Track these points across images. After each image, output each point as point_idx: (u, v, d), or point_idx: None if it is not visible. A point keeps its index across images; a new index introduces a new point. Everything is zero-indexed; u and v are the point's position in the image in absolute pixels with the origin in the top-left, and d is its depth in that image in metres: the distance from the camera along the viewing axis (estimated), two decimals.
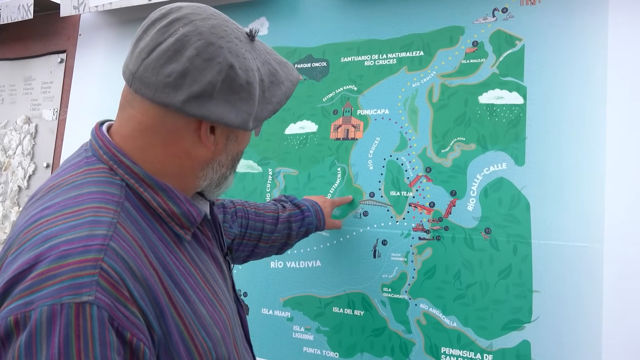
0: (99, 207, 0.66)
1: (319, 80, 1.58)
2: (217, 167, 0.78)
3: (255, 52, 0.75)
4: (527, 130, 1.30)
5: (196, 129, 0.73)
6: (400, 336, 1.37)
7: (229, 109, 0.71)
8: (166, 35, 0.69)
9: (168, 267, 0.70)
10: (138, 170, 0.72)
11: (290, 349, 1.50)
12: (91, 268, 0.59)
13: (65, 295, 0.57)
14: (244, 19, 1.73)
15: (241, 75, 0.71)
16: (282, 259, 1.54)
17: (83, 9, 1.94)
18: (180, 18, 0.71)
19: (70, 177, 0.71)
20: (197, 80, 0.68)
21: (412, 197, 1.41)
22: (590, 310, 1.19)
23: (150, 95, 0.69)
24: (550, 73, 1.29)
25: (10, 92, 2.36)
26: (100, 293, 0.58)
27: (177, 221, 0.74)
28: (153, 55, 0.69)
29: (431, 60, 1.44)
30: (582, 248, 1.21)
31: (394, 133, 1.45)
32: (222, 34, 0.71)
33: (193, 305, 0.71)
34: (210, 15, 0.73)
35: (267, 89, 0.76)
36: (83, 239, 0.61)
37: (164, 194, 0.73)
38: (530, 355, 1.23)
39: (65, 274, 0.58)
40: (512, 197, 1.29)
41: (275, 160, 1.60)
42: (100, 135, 0.75)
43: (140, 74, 0.70)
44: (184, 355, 0.68)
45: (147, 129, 0.72)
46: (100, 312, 0.58)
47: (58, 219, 0.64)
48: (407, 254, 1.39)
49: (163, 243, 0.71)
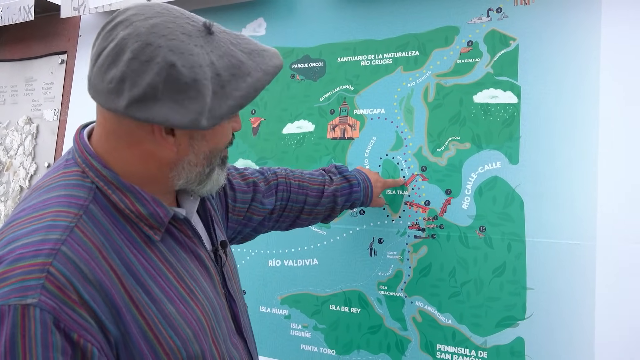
0: (60, 212, 0.68)
1: (315, 80, 1.60)
2: (187, 166, 0.77)
3: (210, 46, 0.71)
4: (521, 129, 1.31)
5: (151, 132, 0.72)
6: (396, 333, 1.38)
7: (176, 109, 0.68)
8: (109, 40, 0.69)
9: (132, 268, 0.71)
10: (106, 173, 0.73)
11: (287, 347, 1.51)
12: (38, 272, 0.62)
13: (12, 297, 0.60)
14: (241, 20, 1.75)
15: (185, 73, 0.68)
16: (279, 258, 1.55)
17: (83, 10, 1.96)
18: (123, 21, 0.69)
19: (49, 179, 0.74)
20: (137, 83, 0.67)
21: (408, 196, 1.42)
22: (583, 306, 1.20)
23: (101, 101, 0.70)
24: (544, 72, 1.30)
25: (12, 93, 2.38)
26: (44, 296, 0.61)
27: (145, 222, 0.74)
28: (99, 62, 0.69)
29: (426, 60, 1.45)
30: (575, 246, 1.22)
31: (389, 132, 1.47)
32: (163, 32, 0.68)
33: (159, 305, 0.72)
34: (156, 13, 0.70)
35: (227, 84, 0.71)
36: (37, 243, 0.64)
37: (131, 195, 0.73)
38: (524, 352, 1.24)
39: (15, 277, 0.62)
40: (506, 195, 1.31)
41: (272, 160, 1.62)
42: (78, 139, 0.76)
43: (92, 82, 0.71)
44: (148, 354, 0.69)
45: (110, 133, 0.74)
46: (42, 315, 0.60)
47: (24, 222, 0.68)
48: (403, 252, 1.40)
49: (131, 244, 0.72)
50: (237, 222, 1.11)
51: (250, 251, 1.60)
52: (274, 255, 1.56)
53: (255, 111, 1.67)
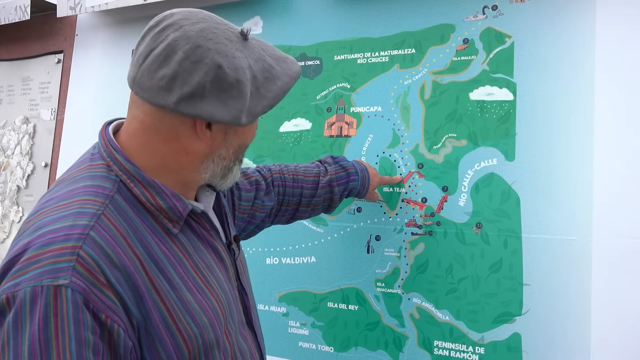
0: (87, 200, 0.73)
1: (312, 79, 1.60)
2: (217, 159, 0.83)
3: (247, 51, 0.79)
4: (517, 126, 1.32)
5: (192, 126, 0.78)
6: (394, 330, 1.39)
7: (220, 106, 0.75)
8: (158, 42, 0.75)
9: (154, 256, 0.75)
10: (129, 167, 0.77)
11: (286, 344, 1.52)
12: (69, 255, 0.66)
13: (45, 278, 0.64)
14: (238, 19, 1.75)
15: (230, 74, 0.75)
16: (277, 255, 1.56)
17: (79, 10, 1.96)
18: (172, 24, 0.76)
19: (74, 172, 0.79)
20: (187, 82, 0.73)
21: (405, 193, 1.43)
22: (580, 302, 1.21)
23: (147, 97, 0.75)
24: (540, 69, 1.31)
25: (9, 93, 2.37)
26: (75, 277, 0.65)
27: (165, 215, 0.78)
28: (147, 61, 0.75)
29: (423, 58, 1.45)
30: (572, 241, 1.23)
31: (386, 130, 1.47)
32: (210, 37, 0.75)
33: (179, 292, 0.76)
34: (201, 19, 0.77)
35: (262, 85, 0.79)
36: (66, 228, 0.68)
37: (152, 189, 0.78)
38: (521, 347, 1.25)
39: (47, 259, 0.66)
40: (503, 192, 1.31)
41: (270, 158, 1.62)
42: (104, 134, 0.81)
43: (138, 79, 0.75)
44: (167, 339, 0.73)
45: (148, 128, 0.78)
46: (74, 295, 0.64)
47: (52, 210, 0.72)
48: (400, 249, 1.41)
49: (154, 233, 0.76)
50: (242, 220, 1.15)
51: (248, 249, 1.60)
52: (271, 253, 1.57)
53: None
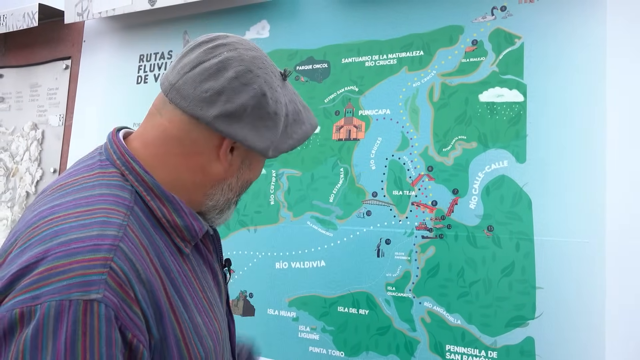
0: (110, 209, 0.68)
1: (320, 82, 1.59)
2: (226, 189, 0.81)
3: (285, 90, 0.81)
4: (527, 128, 1.31)
5: (217, 146, 0.76)
6: (405, 334, 1.38)
7: (254, 132, 0.74)
8: (210, 56, 0.74)
9: (171, 274, 0.71)
10: (147, 179, 0.74)
11: (296, 349, 1.51)
12: (101, 267, 0.60)
13: (74, 291, 0.58)
14: (245, 23, 1.74)
15: (271, 105, 0.75)
16: (286, 260, 1.55)
17: (87, 16, 1.96)
18: (227, 44, 0.76)
19: (82, 177, 0.73)
20: (232, 100, 0.72)
21: (415, 196, 1.42)
22: (594, 305, 1.19)
23: (184, 105, 0.73)
24: (550, 70, 1.30)
25: (17, 99, 2.39)
26: (108, 292, 0.60)
27: (179, 233, 0.75)
28: (195, 71, 0.73)
29: (431, 60, 1.44)
30: (585, 244, 1.21)
31: (395, 133, 1.46)
32: (261, 65, 0.76)
33: (191, 314, 0.72)
34: (254, 47, 0.79)
35: (290, 125, 0.80)
36: (94, 238, 0.63)
37: (170, 205, 0.74)
38: (535, 352, 1.23)
39: (74, 270, 0.59)
40: (514, 194, 1.30)
41: (278, 162, 1.62)
42: (117, 140, 0.77)
43: (179, 86, 0.73)
44: None
45: (171, 138, 0.75)
46: (107, 311, 0.59)
47: (69, 217, 0.65)
48: (411, 253, 1.40)
49: (168, 249, 0.73)
50: None
51: (257, 254, 1.59)
52: (281, 257, 1.56)
53: None
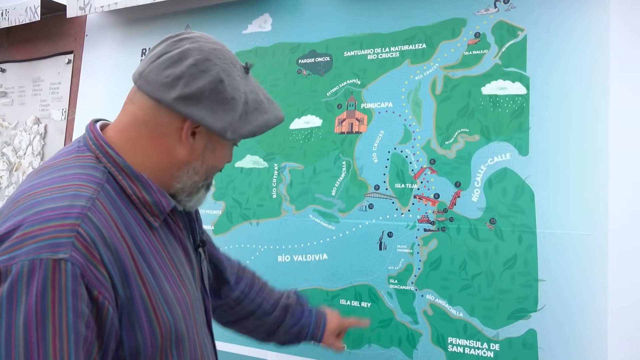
0: (82, 185, 0.76)
1: (322, 75, 1.59)
2: (191, 172, 0.87)
3: (246, 81, 0.88)
4: (530, 120, 1.30)
5: (179, 129, 0.83)
6: (407, 327, 1.38)
7: (212, 115, 0.82)
8: (174, 47, 0.83)
9: (139, 243, 0.79)
10: (119, 160, 0.81)
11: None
12: (69, 231, 0.69)
13: (44, 252, 0.67)
14: (248, 16, 1.74)
15: (228, 91, 0.82)
16: (288, 253, 1.55)
17: (89, 10, 1.96)
18: (189, 38, 0.85)
19: (60, 161, 0.82)
20: (190, 84, 0.80)
21: (417, 189, 1.42)
22: (596, 297, 1.19)
23: (149, 90, 0.81)
24: (553, 62, 1.29)
25: (20, 94, 2.39)
26: (75, 252, 0.68)
27: (149, 209, 0.83)
28: (159, 60, 0.82)
29: (434, 53, 1.44)
30: (587, 236, 1.21)
31: (397, 126, 1.46)
32: (220, 56, 0.84)
33: (158, 280, 0.79)
34: (216, 42, 0.87)
35: (251, 113, 0.86)
36: (65, 207, 0.71)
37: (139, 183, 0.82)
38: (537, 344, 1.24)
39: (45, 234, 0.68)
40: (517, 187, 1.30)
41: (280, 155, 1.62)
42: (93, 129, 0.85)
43: (146, 74, 0.82)
44: (145, 323, 0.76)
45: (139, 122, 0.83)
46: (74, 268, 0.67)
47: (45, 192, 0.74)
48: (413, 246, 1.40)
49: (137, 224, 0.80)
50: None
51: (260, 247, 1.60)
52: (283, 250, 1.56)
53: None
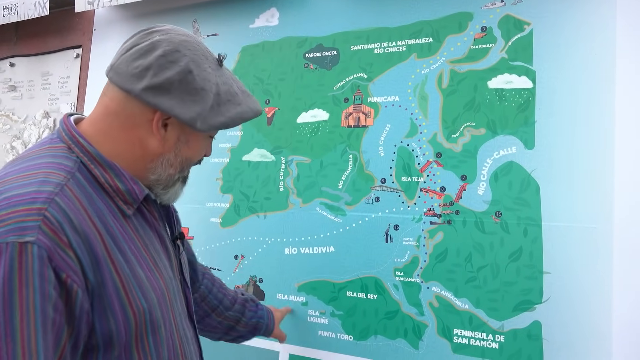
0: (51, 172, 0.77)
1: (329, 69, 1.60)
2: (165, 164, 0.88)
3: (219, 72, 0.88)
4: (536, 114, 1.31)
5: (150, 120, 0.83)
6: (413, 319, 1.40)
7: (181, 105, 0.82)
8: (144, 39, 0.84)
9: (111, 230, 0.78)
10: (91, 150, 0.82)
11: (305, 333, 1.53)
12: (36, 215, 0.69)
13: (11, 235, 0.67)
14: (255, 10, 1.75)
15: (197, 81, 0.82)
16: (295, 245, 1.57)
17: (97, 4, 1.98)
18: (160, 30, 0.86)
19: (33, 152, 0.83)
20: (158, 75, 0.80)
21: (423, 182, 1.43)
22: (601, 289, 1.20)
23: (118, 81, 0.82)
24: (559, 56, 1.30)
25: (29, 88, 2.41)
26: (41, 236, 0.68)
27: (122, 197, 0.83)
28: (129, 52, 0.83)
29: (440, 47, 1.45)
30: (592, 229, 1.22)
31: (404, 119, 1.47)
32: (190, 47, 0.84)
33: (132, 266, 0.79)
34: (187, 34, 0.87)
35: (223, 104, 0.86)
36: (32, 193, 0.72)
37: (112, 172, 0.82)
38: (542, 335, 1.25)
39: (13, 218, 0.69)
40: (522, 180, 1.31)
41: (287, 149, 1.63)
42: (66, 121, 0.86)
43: (116, 66, 0.83)
44: (118, 309, 0.76)
45: (111, 113, 0.84)
46: (40, 251, 0.67)
47: (14, 180, 0.75)
48: (419, 238, 1.41)
49: (110, 212, 0.80)
50: None
51: (267, 239, 1.61)
52: (290, 243, 1.58)
53: (269, 101, 1.68)
